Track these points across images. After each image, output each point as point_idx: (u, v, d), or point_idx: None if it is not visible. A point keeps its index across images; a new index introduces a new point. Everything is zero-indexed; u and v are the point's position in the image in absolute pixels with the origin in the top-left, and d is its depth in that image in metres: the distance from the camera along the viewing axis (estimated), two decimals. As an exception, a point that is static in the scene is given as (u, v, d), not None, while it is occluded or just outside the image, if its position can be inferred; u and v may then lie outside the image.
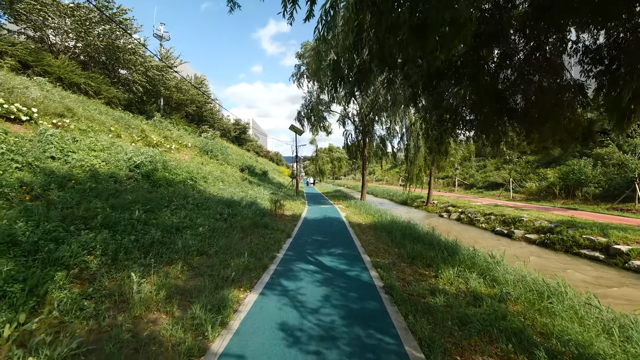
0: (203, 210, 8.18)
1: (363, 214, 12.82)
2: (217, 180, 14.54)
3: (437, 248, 6.31)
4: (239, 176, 20.49)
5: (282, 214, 12.06)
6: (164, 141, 16.09)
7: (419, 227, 8.69)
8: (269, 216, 10.15)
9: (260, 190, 17.50)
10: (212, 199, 9.94)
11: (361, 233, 8.75)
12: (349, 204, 17.19)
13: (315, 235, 8.21)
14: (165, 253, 5.08)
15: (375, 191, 33.80)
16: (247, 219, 8.39)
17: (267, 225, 8.39)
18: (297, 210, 13.75)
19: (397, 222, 9.56)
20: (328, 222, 10.88)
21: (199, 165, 15.52)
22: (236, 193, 12.73)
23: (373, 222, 10.75)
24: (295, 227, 9.36)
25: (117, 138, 12.04)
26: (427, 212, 19.02)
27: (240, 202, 10.86)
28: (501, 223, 12.66)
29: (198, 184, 11.54)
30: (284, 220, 10.75)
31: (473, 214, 14.70)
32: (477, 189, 25.99)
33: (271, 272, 5.00)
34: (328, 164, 72.26)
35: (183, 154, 17.01)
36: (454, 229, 13.47)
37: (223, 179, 15.36)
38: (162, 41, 25.99)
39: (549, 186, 17.66)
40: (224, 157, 21.93)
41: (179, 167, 11.49)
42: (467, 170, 30.19)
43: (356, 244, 7.35)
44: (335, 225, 10.10)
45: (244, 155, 35.44)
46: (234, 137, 50.14)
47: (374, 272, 5.13)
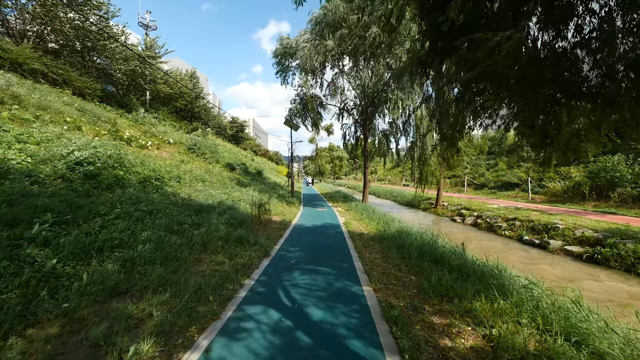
0: (157, 220, 6.27)
1: (365, 220, 10.86)
2: (196, 180, 12.64)
3: (474, 277, 4.35)
4: (228, 176, 18.61)
5: (268, 219, 10.13)
6: (140, 136, 14.23)
7: (439, 239, 6.70)
8: (248, 225, 8.21)
9: (249, 191, 15.59)
10: (178, 204, 8.02)
11: (363, 248, 6.79)
12: (349, 206, 15.23)
13: (303, 252, 6.26)
14: (54, 297, 3.16)
15: (377, 191, 31.81)
16: (214, 231, 6.45)
17: (241, 238, 6.44)
18: (288, 215, 11.82)
19: (408, 232, 7.59)
20: (323, 231, 8.94)
21: (177, 164, 13.65)
22: (215, 195, 10.81)
23: (378, 231, 8.79)
24: (279, 240, 7.41)
25: (77, 131, 10.20)
26: (436, 215, 17.03)
27: (217, 206, 8.94)
28: (529, 230, 10.66)
29: (167, 184, 9.63)
30: (269, 228, 8.81)
31: (493, 218, 12.70)
32: (488, 189, 23.93)
33: (213, 333, 3.05)
34: (328, 164, 70.32)
35: (163, 151, 15.17)
36: (471, 237, 11.50)
37: (205, 179, 13.46)
38: (147, 30, 24.17)
39: (576, 186, 15.63)
40: (213, 155, 20.05)
41: (144, 165, 9.58)
42: (476, 169, 28.12)
43: (356, 266, 5.39)
44: (331, 236, 8.15)
45: (238, 153, 33.56)
46: (230, 135, 48.33)
47: (383, 326, 3.19)
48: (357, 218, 11.60)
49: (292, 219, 11.30)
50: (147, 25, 24.04)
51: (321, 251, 6.44)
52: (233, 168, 21.31)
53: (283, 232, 8.49)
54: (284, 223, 9.89)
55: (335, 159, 69.40)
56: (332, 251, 6.45)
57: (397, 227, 8.49)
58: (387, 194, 29.23)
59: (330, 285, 4.45)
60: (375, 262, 5.67)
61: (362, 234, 8.44)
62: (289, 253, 6.18)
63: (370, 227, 9.54)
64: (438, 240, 6.57)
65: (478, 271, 4.63)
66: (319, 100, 16.85)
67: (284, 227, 9.34)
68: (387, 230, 8.49)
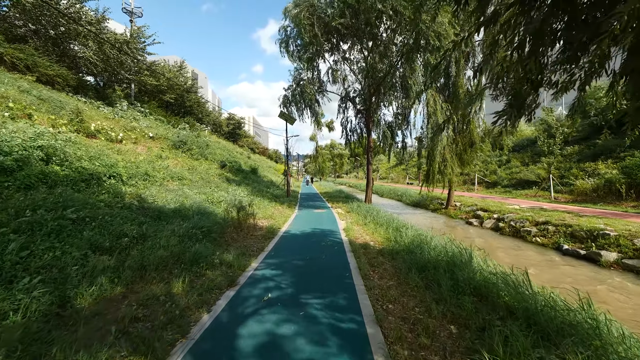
0: (86, 231, 4.50)
1: (370, 225, 9.05)
2: (173, 178, 10.87)
3: (565, 337, 2.54)
4: (217, 173, 16.85)
5: (253, 225, 8.34)
6: (114, 129, 12.47)
7: (475, 257, 4.86)
8: (221, 234, 6.42)
9: (237, 190, 13.84)
10: (132, 208, 6.25)
11: (370, 268, 4.99)
12: (350, 208, 13.43)
13: (286, 278, 4.45)
14: None
15: (380, 190, 29.96)
16: (161, 247, 4.65)
17: (199, 257, 4.63)
18: (278, 219, 10.04)
19: (427, 242, 5.76)
20: (318, 241, 7.13)
21: (153, 159, 11.88)
22: (190, 196, 9.04)
23: (386, 240, 6.98)
24: (257, 257, 5.61)
25: (25, 119, 8.46)
26: (448, 217, 15.20)
27: (185, 210, 7.15)
28: (569, 237, 8.84)
29: (127, 183, 7.85)
30: (251, 238, 7.03)
31: (518, 221, 10.86)
32: (502, 187, 22.05)
33: None
34: (329, 162, 68.46)
35: (141, 146, 13.42)
36: (495, 245, 9.69)
37: (184, 176, 11.68)
38: (132, 17, 22.33)
39: (607, 184, 13.76)
40: (201, 152, 18.33)
41: (99, 160, 7.79)
42: (486, 166, 26.22)
43: (362, 304, 3.58)
44: (328, 249, 6.34)
45: (233, 151, 31.77)
46: (227, 132, 46.61)
47: None
48: (360, 222, 9.80)
49: (282, 223, 9.51)
50: (132, 12, 22.26)
51: (312, 275, 4.64)
52: (224, 165, 19.55)
53: (266, 243, 6.69)
54: (272, 230, 8.09)
55: (335, 156, 67.60)
56: (327, 275, 4.64)
57: (411, 236, 6.67)
58: (391, 193, 27.39)
59: (317, 351, 2.65)
60: (389, 296, 3.86)
61: (368, 246, 6.63)
62: (264, 280, 4.37)
63: (377, 235, 7.73)
64: (474, 261, 4.74)
65: (559, 322, 2.81)
66: (318, 85, 15.01)
67: (269, 235, 7.54)
68: (398, 239, 6.68)
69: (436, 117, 13.76)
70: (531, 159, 23.06)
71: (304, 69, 13.74)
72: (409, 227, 7.80)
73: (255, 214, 8.91)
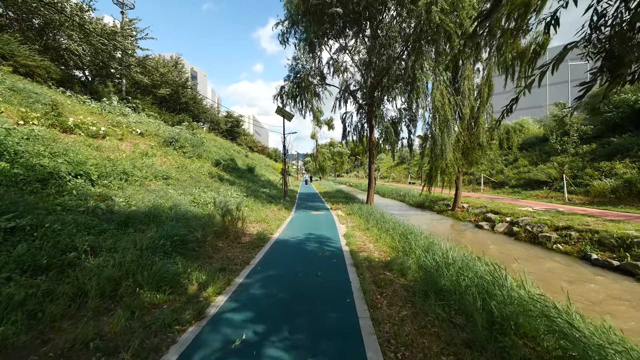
0: (23, 244, 3.57)
1: (374, 230, 8.10)
2: (157, 177, 9.93)
3: None
4: (210, 172, 15.92)
5: (241, 231, 7.40)
6: (95, 124, 11.53)
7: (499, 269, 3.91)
8: (200, 244, 5.47)
9: (230, 191, 12.92)
10: (93, 213, 5.31)
11: (377, 291, 4.05)
12: (351, 209, 12.49)
13: (270, 311, 3.47)
14: None
15: (382, 190, 28.98)
16: (115, 265, 3.70)
17: (162, 278, 3.69)
18: (272, 223, 9.09)
19: (446, 257, 4.80)
20: (314, 251, 6.18)
21: (137, 157, 10.95)
22: (173, 198, 8.10)
23: (393, 250, 6.04)
24: (238, 275, 4.66)
25: (-13, 112, 7.56)
26: (455, 219, 14.25)
27: (160, 214, 6.21)
28: (596, 245, 7.89)
29: (97, 183, 6.91)
30: (236, 247, 6.09)
31: (535, 226, 9.91)
32: (509, 187, 21.09)
33: None
34: (329, 160, 67.46)
35: (127, 142, 12.50)
36: (511, 252, 8.74)
37: (170, 175, 10.74)
38: (124, 9, 21.33)
39: (627, 184, 12.81)
40: (194, 150, 17.39)
41: (65, 156, 6.84)
42: (492, 165, 25.23)
43: (368, 351, 2.65)
44: (325, 262, 5.39)
45: (230, 149, 30.81)
46: (225, 130, 45.63)
47: None
48: (362, 227, 8.85)
49: (276, 228, 8.56)
50: (123, 3, 21.31)
51: (304, 303, 3.68)
52: (218, 164, 18.61)
53: (254, 254, 5.74)
54: (262, 236, 7.13)
55: (335, 155, 66.65)
56: (323, 303, 3.69)
57: (422, 246, 5.73)
58: (393, 193, 26.42)
59: None
60: (404, 335, 2.92)
61: (372, 258, 5.68)
62: (241, 310, 3.41)
63: (382, 243, 6.78)
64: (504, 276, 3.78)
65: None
66: (318, 77, 14.03)
67: (259, 243, 6.59)
68: (407, 249, 5.73)
69: (444, 112, 12.79)
70: (540, 157, 22.09)
71: (303, 54, 12.72)
72: (418, 234, 6.84)
73: (244, 217, 7.97)
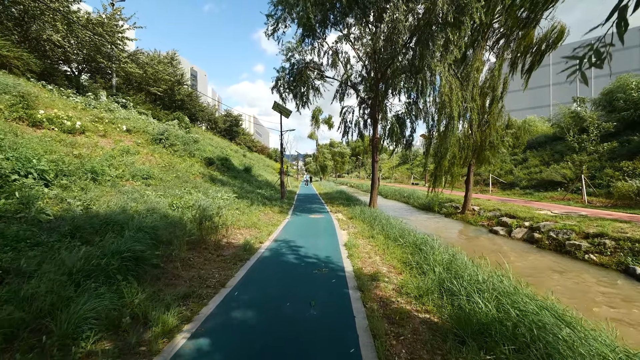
0: None
1: (379, 238, 7.00)
2: (135, 177, 8.87)
3: None
4: (201, 172, 14.87)
5: (224, 240, 6.32)
6: (71, 118, 10.51)
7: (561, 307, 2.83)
8: (160, 261, 4.39)
9: (221, 192, 11.87)
10: (33, 221, 4.24)
11: (393, 338, 2.94)
12: (352, 212, 11.39)
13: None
14: None
15: (384, 191, 27.84)
16: (23, 298, 2.63)
17: (83, 320, 2.60)
18: (263, 229, 8.00)
19: (474, 280, 3.69)
20: (308, 267, 5.08)
21: (117, 155, 9.91)
22: (148, 200, 7.03)
23: (409, 268, 4.93)
24: (208, 304, 3.56)
25: None
26: (466, 223, 13.12)
27: (124, 221, 5.12)
28: (638, 256, 6.77)
29: (53, 183, 5.84)
30: (215, 261, 5.00)
31: (561, 232, 8.78)
32: (520, 189, 19.93)
33: None
34: (330, 161, 66.30)
35: (108, 139, 11.51)
36: (536, 264, 7.63)
37: (152, 175, 9.68)
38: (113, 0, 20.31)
39: (656, 186, 11.69)
40: (186, 148, 16.38)
41: (16, 151, 5.77)
42: (500, 165, 24.06)
43: None
44: (322, 286, 4.27)
45: (227, 148, 29.75)
46: (223, 129, 44.61)
47: None
48: (366, 234, 7.74)
49: (267, 235, 7.46)
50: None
51: (288, 358, 2.58)
52: (211, 163, 17.56)
53: (232, 272, 4.64)
54: (248, 246, 6.03)
55: (336, 155, 65.57)
56: (316, 353, 2.60)
57: (441, 261, 4.62)
58: (396, 195, 25.31)
59: None
60: None
61: (380, 276, 4.58)
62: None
63: (391, 256, 5.68)
64: (571, 316, 2.68)
65: None
66: (317, 70, 12.94)
67: (243, 256, 5.49)
68: (424, 265, 4.63)
69: (451, 107, 11.69)
70: (552, 157, 20.94)
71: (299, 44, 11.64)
72: (434, 244, 5.72)
73: (230, 223, 6.89)
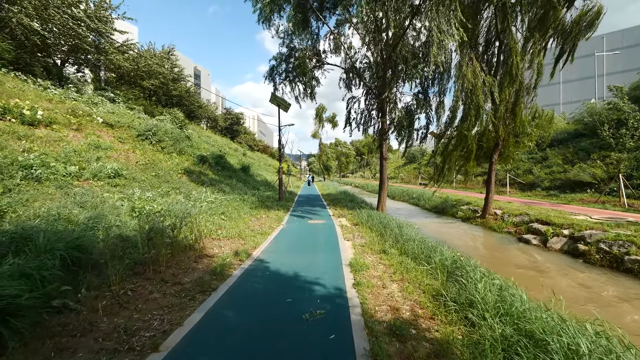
0: None
1: (393, 254, 5.44)
2: (97, 176, 7.44)
3: None
4: (189, 170, 13.48)
5: (190, 260, 4.84)
6: (32, 108, 9.19)
7: None
8: (77, 304, 2.92)
9: (208, 193, 10.47)
10: None
11: None
12: (358, 217, 9.85)
13: None
14: None
15: (390, 192, 26.06)
16: None
17: None
18: (249, 239, 6.50)
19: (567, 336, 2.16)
20: (299, 305, 3.58)
21: (85, 150, 8.53)
22: (100, 205, 5.59)
23: (445, 310, 3.38)
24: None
25: None
26: (488, 229, 11.48)
27: (37, 235, 3.67)
28: None
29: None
30: (160, 296, 3.51)
31: (614, 244, 7.14)
32: (542, 190, 18.15)
33: None
34: (334, 160, 64.72)
35: (81, 133, 10.21)
36: (588, 285, 6.02)
37: (122, 173, 8.25)
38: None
39: None
40: (175, 145, 15.04)
41: None
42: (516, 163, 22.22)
43: None
44: (315, 345, 2.78)
45: (225, 146, 28.40)
46: (224, 127, 43.39)
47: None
48: (376, 247, 6.19)
49: (252, 249, 5.95)
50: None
51: None
52: (204, 161, 16.16)
53: (185, 312, 3.13)
54: (219, 271, 4.51)
55: (341, 155, 64.03)
56: None
57: (497, 304, 3.07)
58: (404, 195, 23.67)
59: None
60: None
61: (402, 326, 3.04)
62: None
63: (413, 285, 4.13)
64: None
65: None
66: (316, 58, 11.43)
67: (210, 283, 3.98)
68: (467, 305, 3.10)
69: (476, 97, 10.08)
70: (576, 155, 19.10)
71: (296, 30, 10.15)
72: (470, 265, 4.15)
73: (202, 234, 5.41)
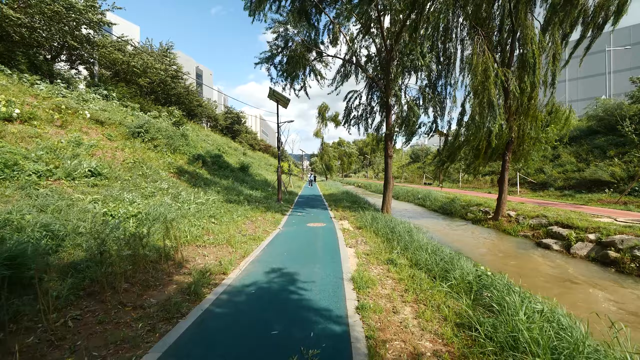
0: None
1: (404, 266, 4.66)
2: (69, 174, 6.72)
3: None
4: (180, 169, 12.76)
5: (163, 274, 4.10)
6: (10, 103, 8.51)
7: None
8: None
9: (199, 194, 9.75)
10: None
11: None
12: (362, 219, 9.07)
13: None
14: None
15: (395, 192, 25.23)
16: None
17: None
18: (237, 248, 5.74)
19: None
20: (288, 342, 2.82)
21: (64, 147, 7.85)
22: (63, 207, 4.86)
23: (475, 344, 2.58)
24: None
25: None
26: (500, 232, 10.64)
27: None
28: None
29: None
30: (111, 326, 2.75)
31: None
32: (555, 189, 17.24)
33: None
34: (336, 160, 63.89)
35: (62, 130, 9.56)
36: (628, 301, 5.18)
37: (101, 172, 7.53)
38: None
39: None
40: (169, 143, 14.36)
41: None
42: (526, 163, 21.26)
43: None
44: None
45: (224, 145, 27.69)
46: (224, 127, 42.79)
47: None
48: (383, 256, 5.40)
49: (240, 258, 5.19)
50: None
51: None
52: (200, 160, 15.46)
53: (136, 352, 2.39)
54: (193, 289, 3.75)
55: (343, 155, 63.25)
56: None
57: (540, 337, 2.30)
58: (409, 195, 22.82)
59: None
60: None
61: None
62: None
63: (431, 308, 3.35)
64: None
65: None
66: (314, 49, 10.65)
67: (177, 308, 3.22)
68: (503, 339, 2.31)
69: (488, 91, 9.26)
70: (590, 153, 18.15)
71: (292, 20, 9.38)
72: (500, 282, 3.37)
73: (172, 246, 4.65)
